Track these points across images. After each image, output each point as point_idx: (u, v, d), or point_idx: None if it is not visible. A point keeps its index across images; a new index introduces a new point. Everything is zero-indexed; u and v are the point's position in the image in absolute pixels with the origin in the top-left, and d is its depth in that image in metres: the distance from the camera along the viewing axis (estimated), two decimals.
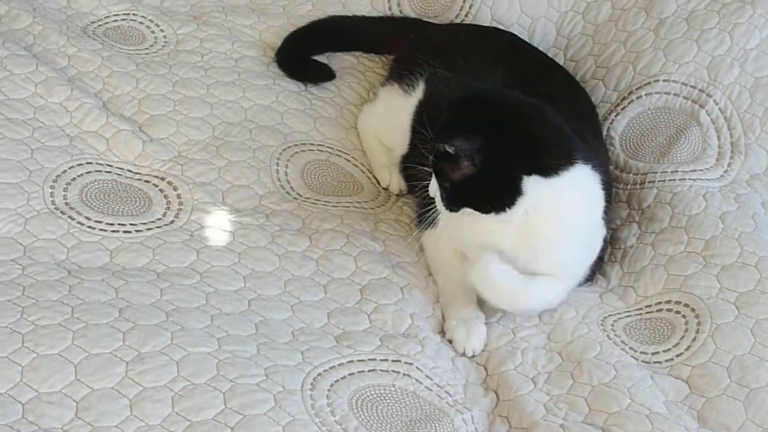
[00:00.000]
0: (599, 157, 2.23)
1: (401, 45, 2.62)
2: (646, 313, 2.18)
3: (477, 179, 1.99)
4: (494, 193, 2.02)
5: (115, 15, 2.71)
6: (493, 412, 1.98)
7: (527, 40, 2.70)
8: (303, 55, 2.70)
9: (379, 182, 2.48)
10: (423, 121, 2.09)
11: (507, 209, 2.02)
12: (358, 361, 1.93)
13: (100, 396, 1.71)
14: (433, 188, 2.06)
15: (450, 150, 1.96)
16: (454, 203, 2.04)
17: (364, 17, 2.82)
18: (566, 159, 2.03)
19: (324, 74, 2.66)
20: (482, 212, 2.03)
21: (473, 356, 2.08)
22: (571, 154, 2.04)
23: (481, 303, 2.16)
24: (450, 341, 2.09)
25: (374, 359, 1.95)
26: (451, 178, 2.01)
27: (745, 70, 2.54)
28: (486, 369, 2.06)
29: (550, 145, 2.04)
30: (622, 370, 2.01)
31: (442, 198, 2.04)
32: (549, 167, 2.01)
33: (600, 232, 2.19)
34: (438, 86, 2.35)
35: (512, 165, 2.00)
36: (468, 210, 2.04)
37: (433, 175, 2.04)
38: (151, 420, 1.70)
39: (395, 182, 2.46)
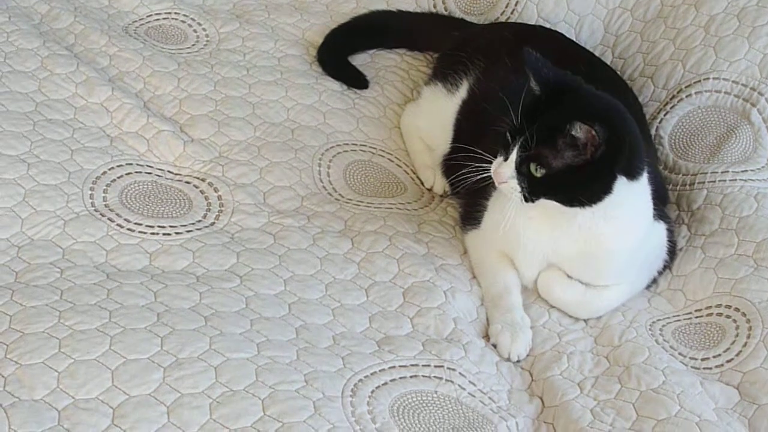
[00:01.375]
0: (651, 158, 2.21)
1: (445, 43, 2.59)
2: (696, 317, 2.14)
3: (577, 170, 1.95)
4: (585, 186, 1.98)
5: (156, 14, 2.70)
6: (539, 419, 1.94)
7: (574, 38, 2.67)
8: (345, 53, 2.68)
9: (422, 183, 2.45)
10: (493, 109, 2.04)
11: (592, 205, 1.98)
12: (400, 366, 1.91)
13: (137, 403, 1.70)
14: (507, 174, 1.98)
15: (579, 135, 1.91)
16: (537, 193, 1.98)
17: (408, 13, 2.79)
18: (644, 164, 2.03)
19: (358, 81, 2.63)
20: (566, 204, 1.99)
21: (518, 361, 2.05)
22: (644, 160, 2.04)
23: (527, 306, 2.13)
24: (494, 346, 2.06)
25: (416, 365, 1.92)
26: (551, 164, 1.94)
27: None
28: (531, 374, 2.03)
29: (641, 148, 2.03)
30: (671, 376, 1.98)
31: (521, 186, 1.98)
32: (636, 171, 2.00)
33: (657, 231, 2.16)
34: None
35: (615, 162, 1.96)
36: (548, 202, 1.99)
37: (512, 163, 1.97)
38: (188, 427, 1.68)
39: (439, 183, 2.43)
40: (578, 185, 1.98)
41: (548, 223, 2.06)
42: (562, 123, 1.92)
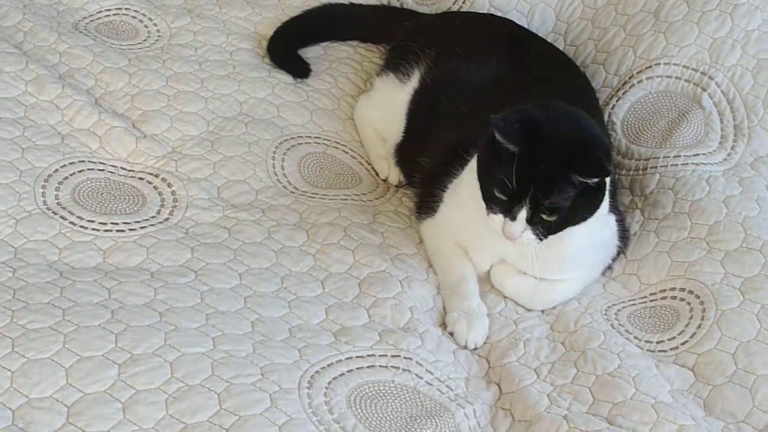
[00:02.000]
0: None
1: (397, 34, 2.59)
2: (651, 301, 2.16)
3: (582, 196, 1.96)
4: (593, 204, 2.01)
5: (107, 10, 2.68)
6: (496, 405, 1.95)
7: (526, 27, 2.67)
8: (295, 46, 2.67)
9: (377, 174, 2.45)
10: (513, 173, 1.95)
11: (594, 215, 2.02)
12: (357, 357, 1.91)
13: (92, 400, 1.68)
14: (518, 231, 1.96)
15: (595, 180, 1.95)
16: (552, 232, 1.98)
17: (359, 5, 2.79)
18: None
19: (300, 69, 2.62)
20: (574, 225, 2.00)
21: (475, 349, 2.06)
22: None
23: (483, 294, 2.13)
24: (451, 334, 2.06)
25: (373, 355, 1.92)
26: (563, 206, 1.95)
27: (746, 52, 2.51)
28: (488, 361, 2.04)
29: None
30: (626, 359, 1.99)
31: (536, 234, 1.97)
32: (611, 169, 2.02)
33: (609, 223, 2.17)
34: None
35: (608, 173, 1.98)
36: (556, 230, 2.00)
37: (521, 221, 1.95)
38: (144, 423, 1.67)
39: (394, 173, 2.43)
40: (584, 207, 1.99)
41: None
42: (565, 173, 1.92)
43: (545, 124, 1.96)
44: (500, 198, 1.95)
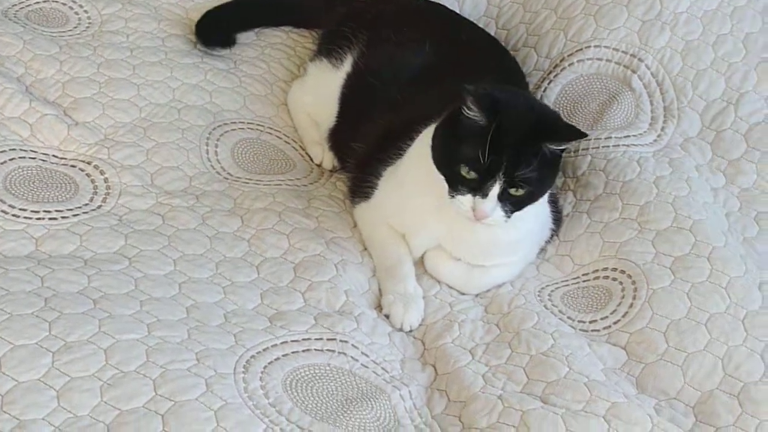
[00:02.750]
0: None
1: (330, 19, 2.59)
2: (583, 281, 2.18)
3: (546, 170, 1.99)
4: (553, 177, 2.04)
5: None
6: (432, 387, 1.96)
7: (457, 11, 2.68)
8: (227, 31, 2.65)
9: (311, 159, 2.45)
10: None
11: (551, 187, 2.07)
12: (292, 341, 1.91)
13: (26, 388, 1.67)
14: (489, 209, 1.96)
15: (566, 146, 1.99)
16: (519, 208, 2.00)
17: None
18: None
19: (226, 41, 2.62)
20: (535, 202, 2.02)
21: (410, 331, 2.07)
22: None
23: (419, 277, 2.14)
24: (387, 316, 2.08)
25: (309, 338, 1.93)
26: (533, 179, 1.95)
27: (675, 34, 2.54)
28: (423, 343, 2.05)
29: None
30: (560, 339, 2.01)
31: (505, 211, 1.98)
32: None
33: (543, 208, 2.19)
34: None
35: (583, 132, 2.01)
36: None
37: (493, 197, 1.95)
38: (79, 411, 1.66)
39: (328, 158, 2.43)
40: (546, 180, 2.01)
41: (447, 210, 2.04)
42: (537, 142, 1.94)
43: (508, 100, 1.98)
44: (469, 177, 1.95)
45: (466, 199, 1.97)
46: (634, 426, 1.84)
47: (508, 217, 1.99)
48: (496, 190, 1.94)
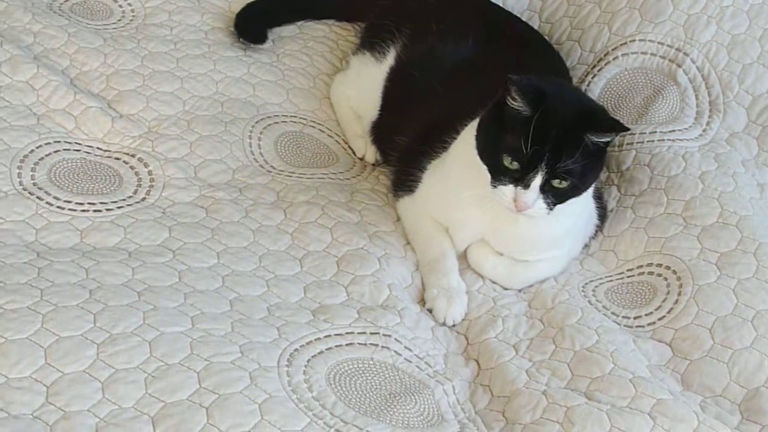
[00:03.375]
0: None
1: (373, 12, 2.58)
2: (628, 277, 2.16)
3: (590, 163, 1.97)
4: (597, 172, 2.03)
5: None
6: (475, 381, 1.95)
7: (500, 4, 2.67)
8: (267, 25, 2.65)
9: (354, 152, 2.44)
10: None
11: (595, 181, 2.05)
12: (336, 335, 1.91)
13: (71, 380, 1.68)
14: (531, 200, 1.95)
15: (609, 139, 1.96)
16: (563, 200, 1.98)
17: None
18: None
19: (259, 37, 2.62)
20: (578, 196, 2.00)
21: (453, 326, 2.06)
22: None
23: (462, 272, 2.14)
24: (430, 311, 2.07)
25: (352, 332, 1.92)
26: (577, 173, 1.94)
27: (721, 28, 2.52)
28: (467, 338, 2.04)
29: None
30: (604, 335, 1.99)
31: (547, 203, 1.97)
32: None
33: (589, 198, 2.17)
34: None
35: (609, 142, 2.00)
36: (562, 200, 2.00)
37: (535, 189, 1.94)
38: (124, 402, 1.66)
39: (371, 152, 2.43)
40: (590, 175, 2.00)
41: (490, 203, 2.02)
42: (580, 134, 1.92)
43: (552, 91, 1.97)
44: (511, 167, 1.94)
45: (507, 190, 1.96)
46: (680, 423, 1.83)
47: (550, 209, 1.98)
48: (538, 181, 1.93)
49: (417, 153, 2.20)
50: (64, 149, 2.22)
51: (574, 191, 1.99)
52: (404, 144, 2.27)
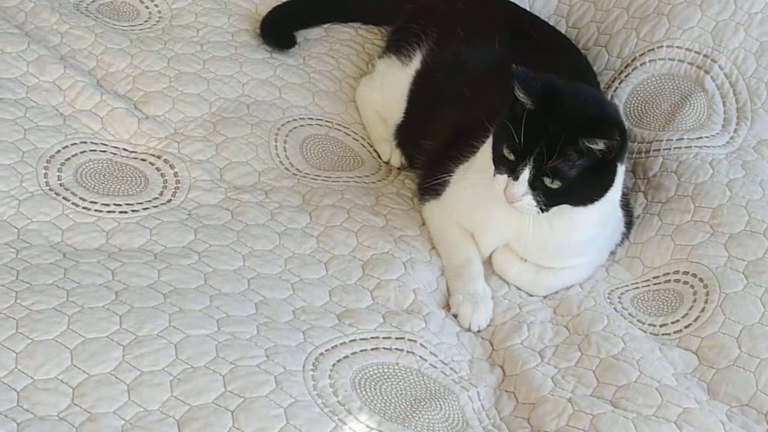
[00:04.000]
0: None
1: (399, 16, 2.58)
2: (654, 284, 2.15)
3: (589, 172, 1.95)
4: (600, 184, 2.00)
5: None
6: (500, 388, 1.95)
7: (527, 8, 2.66)
8: (293, 27, 2.65)
9: (379, 156, 2.44)
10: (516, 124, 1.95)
11: (600, 199, 2.01)
12: (361, 339, 1.90)
13: (96, 382, 1.68)
14: (520, 193, 1.95)
15: (599, 146, 1.92)
16: (554, 202, 1.97)
17: None
18: None
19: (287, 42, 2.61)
20: (577, 205, 1.99)
21: (479, 331, 2.05)
22: None
23: (487, 277, 2.13)
24: (455, 316, 2.06)
25: (377, 337, 1.92)
26: (568, 175, 1.93)
27: (750, 35, 2.51)
28: (492, 344, 2.04)
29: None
30: (630, 343, 1.99)
31: (537, 200, 1.96)
32: (626, 155, 2.03)
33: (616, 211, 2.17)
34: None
35: (621, 155, 1.98)
36: (561, 206, 1.99)
37: (524, 182, 1.94)
38: (149, 405, 1.66)
39: (396, 156, 2.42)
40: (591, 185, 1.98)
41: (515, 209, 2.01)
42: (573, 135, 1.90)
43: (565, 90, 1.96)
44: (508, 157, 1.94)
45: (501, 179, 1.97)
46: None
47: (541, 209, 1.96)
48: (526, 174, 1.93)
49: (443, 157, 2.20)
50: (91, 150, 2.23)
51: (569, 197, 1.97)
52: (430, 148, 2.26)
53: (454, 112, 2.25)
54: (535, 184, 1.94)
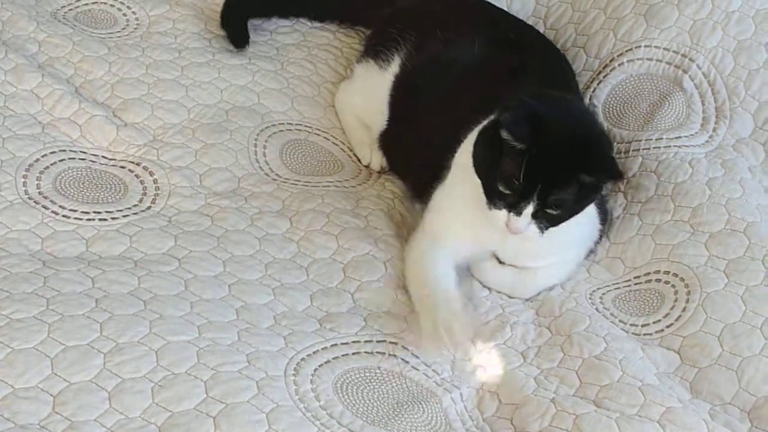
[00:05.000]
0: None
1: (376, 19, 2.58)
2: (635, 284, 2.15)
3: (585, 191, 1.96)
4: (590, 199, 2.01)
5: None
6: (483, 389, 1.94)
7: (506, 10, 2.66)
8: (253, 15, 2.65)
9: (359, 160, 2.44)
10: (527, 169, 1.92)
11: (583, 210, 2.02)
12: (342, 344, 1.90)
13: (77, 389, 1.67)
14: (523, 226, 1.95)
15: (592, 181, 1.94)
16: (554, 225, 1.98)
17: None
18: None
19: (240, 40, 2.60)
20: (568, 219, 1.99)
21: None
22: None
23: (469, 280, 2.12)
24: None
25: (358, 341, 1.92)
26: (569, 202, 1.95)
27: (727, 33, 2.51)
28: (474, 344, 2.03)
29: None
30: (612, 343, 1.99)
31: (539, 227, 1.96)
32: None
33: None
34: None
35: (612, 175, 1.99)
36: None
37: (527, 216, 1.94)
38: (130, 412, 1.66)
39: (376, 159, 2.42)
40: (585, 201, 1.99)
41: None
42: (573, 172, 1.91)
43: (551, 120, 1.94)
44: (505, 193, 1.93)
45: (501, 214, 1.95)
46: (689, 431, 1.82)
47: (543, 232, 1.97)
48: (529, 209, 1.93)
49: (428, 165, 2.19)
50: (69, 158, 2.22)
51: (568, 216, 1.98)
52: (414, 155, 2.26)
53: (435, 118, 2.24)
54: (537, 215, 1.94)
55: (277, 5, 2.71)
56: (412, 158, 2.27)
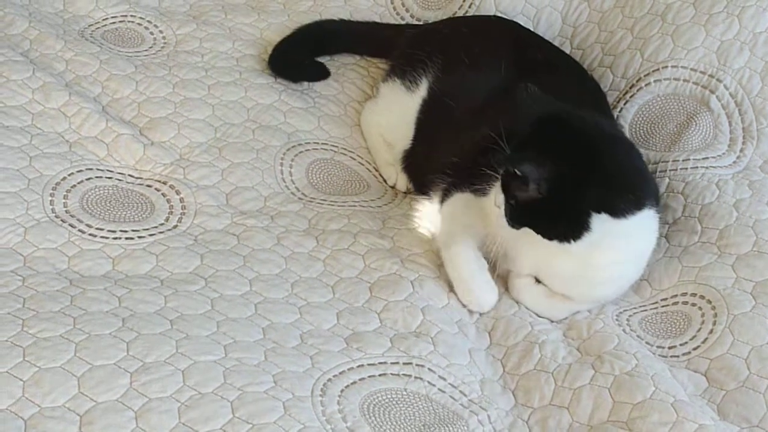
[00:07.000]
0: None
1: (401, 41, 2.57)
2: (662, 306, 2.14)
3: (543, 205, 1.95)
4: (560, 222, 1.98)
5: (112, 17, 2.68)
6: (513, 413, 1.93)
7: (532, 30, 2.66)
8: (299, 59, 2.65)
9: (385, 180, 2.44)
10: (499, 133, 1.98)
11: (571, 241, 1.98)
12: (369, 365, 1.89)
13: (104, 409, 1.67)
14: (499, 200, 1.99)
15: (518, 172, 1.92)
16: (518, 221, 1.99)
17: (355, 22, 2.76)
18: (638, 203, 2.02)
19: (320, 73, 2.61)
20: (545, 237, 1.99)
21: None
22: (643, 198, 2.03)
23: (499, 295, 2.13)
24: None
25: (385, 362, 1.91)
26: (518, 197, 1.96)
27: (755, 54, 2.50)
28: (503, 365, 2.01)
29: (626, 187, 2.01)
30: (642, 360, 1.97)
31: (506, 213, 1.98)
32: (620, 210, 1.99)
33: None
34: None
35: (582, 200, 1.96)
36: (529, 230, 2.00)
37: (500, 188, 1.99)
38: None
39: (402, 180, 2.42)
40: (552, 220, 1.98)
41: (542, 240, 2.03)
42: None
43: (558, 118, 1.99)
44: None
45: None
46: None
47: (509, 222, 2.00)
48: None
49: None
50: (96, 177, 2.23)
51: (529, 222, 2.00)
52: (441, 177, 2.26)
53: (463, 139, 2.24)
54: (506, 197, 1.98)
55: (313, 51, 2.69)
56: (438, 179, 2.26)
